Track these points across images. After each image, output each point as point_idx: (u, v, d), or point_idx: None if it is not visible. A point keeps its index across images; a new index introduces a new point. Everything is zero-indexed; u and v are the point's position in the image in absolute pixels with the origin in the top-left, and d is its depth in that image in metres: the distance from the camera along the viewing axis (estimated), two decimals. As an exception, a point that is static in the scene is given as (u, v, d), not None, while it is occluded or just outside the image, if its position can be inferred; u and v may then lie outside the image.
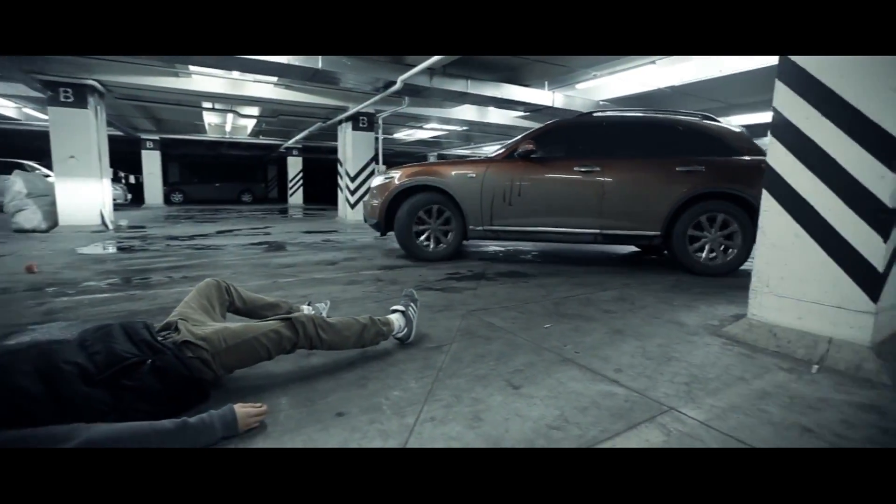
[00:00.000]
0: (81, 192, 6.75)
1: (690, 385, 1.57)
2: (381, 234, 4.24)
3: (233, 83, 7.40)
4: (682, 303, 2.71)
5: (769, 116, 2.02)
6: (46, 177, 7.92)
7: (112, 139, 8.72)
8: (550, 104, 7.37)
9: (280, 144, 15.15)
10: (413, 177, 3.98)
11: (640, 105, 8.05)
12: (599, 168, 3.66)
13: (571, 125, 4.00)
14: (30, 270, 3.37)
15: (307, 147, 15.82)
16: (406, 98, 7.65)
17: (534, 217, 3.80)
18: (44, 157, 8.06)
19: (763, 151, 2.50)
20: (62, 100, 6.52)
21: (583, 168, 3.69)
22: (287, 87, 7.69)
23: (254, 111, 10.26)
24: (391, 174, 4.10)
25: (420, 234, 4.04)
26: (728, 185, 3.45)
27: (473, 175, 3.85)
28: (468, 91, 6.51)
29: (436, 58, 5.08)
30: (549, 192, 3.77)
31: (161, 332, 1.35)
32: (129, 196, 14.04)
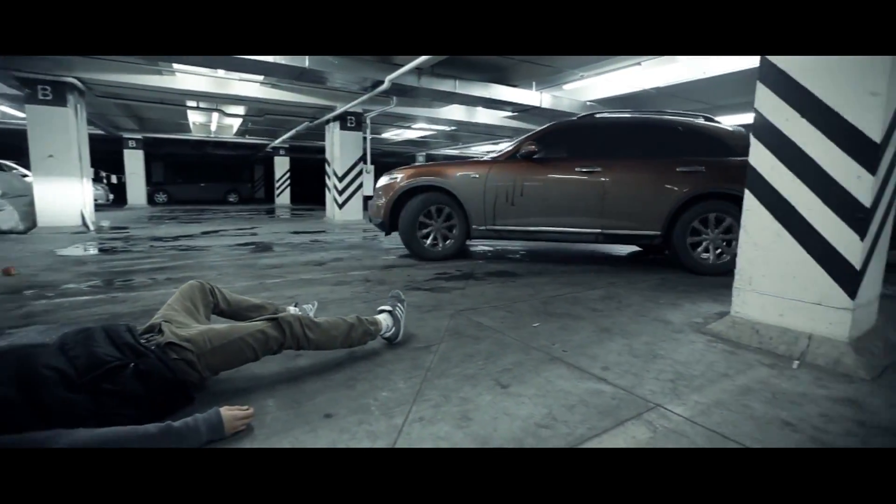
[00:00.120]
0: (61, 192, 6.59)
1: (676, 382, 1.60)
2: (386, 234, 4.28)
3: (218, 82, 7.30)
4: (668, 301, 2.75)
5: (752, 117, 2.06)
6: (24, 176, 7.72)
7: (93, 138, 8.52)
8: (538, 104, 7.41)
9: (267, 144, 14.98)
10: (417, 177, 4.03)
11: (627, 105, 8.15)
12: (601, 168, 3.69)
13: (573, 126, 4.03)
14: (6, 273, 3.28)
15: (294, 147, 15.67)
16: (394, 98, 7.62)
17: (536, 217, 3.84)
18: (21, 157, 7.85)
19: None
20: (40, 98, 6.35)
21: (584, 168, 3.72)
22: (273, 86, 7.61)
23: (239, 110, 10.13)
24: (395, 175, 4.14)
25: (424, 234, 4.08)
26: (728, 186, 3.46)
27: (476, 176, 3.90)
28: (456, 91, 6.51)
29: (424, 57, 5.07)
30: (551, 193, 3.81)
31: (144, 335, 1.33)
32: (111, 196, 13.73)
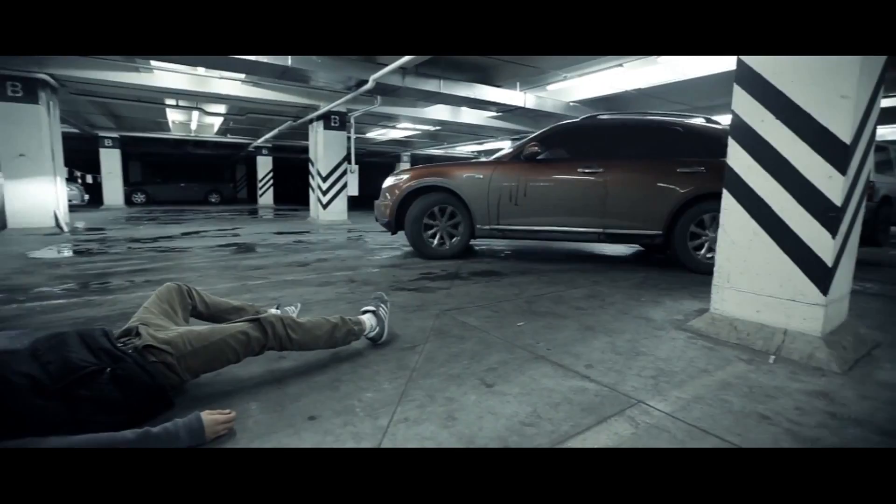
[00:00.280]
0: (33, 193, 6.40)
1: (657, 378, 1.63)
2: (392, 233, 4.38)
3: (198, 80, 7.15)
4: (650, 299, 2.79)
5: (730, 119, 2.11)
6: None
7: (67, 136, 8.27)
8: (522, 105, 7.46)
9: (249, 143, 14.76)
10: (422, 178, 4.10)
11: (608, 106, 8.26)
12: (602, 169, 3.74)
13: (575, 128, 4.10)
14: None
15: (277, 146, 15.47)
16: (378, 97, 7.59)
17: (539, 216, 3.90)
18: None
19: None
20: (10, 95, 6.15)
21: (586, 169, 3.78)
22: (255, 85, 7.49)
23: (220, 109, 9.95)
24: (401, 175, 4.22)
25: (430, 234, 4.16)
26: None
27: (481, 176, 3.97)
28: (441, 91, 6.51)
29: (408, 57, 5.06)
30: (554, 193, 3.87)
31: (121, 339, 1.29)
32: (87, 197, 13.36)
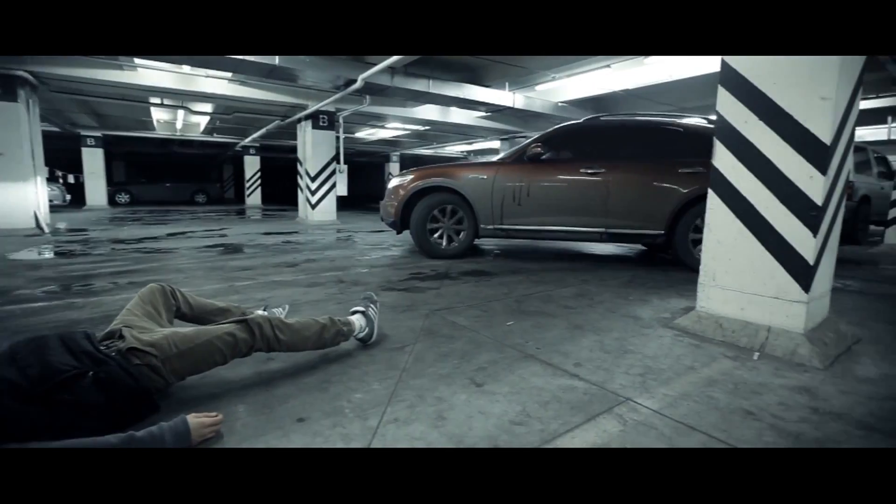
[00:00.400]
0: (11, 193, 6.25)
1: (645, 376, 1.64)
2: (398, 233, 4.46)
3: (183, 78, 7.03)
4: (637, 297, 2.82)
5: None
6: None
7: (47, 135, 8.09)
8: (511, 105, 7.49)
9: (236, 143, 14.56)
10: (427, 178, 4.16)
11: (596, 106, 8.33)
12: (605, 170, 3.78)
13: (578, 129, 4.14)
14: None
15: (265, 146, 15.30)
16: (367, 97, 7.55)
17: (541, 216, 3.94)
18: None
19: None
20: (-12, 92, 6.01)
21: (589, 170, 3.81)
22: (242, 84, 7.40)
23: (207, 108, 9.81)
24: (406, 176, 4.28)
25: (434, 233, 4.20)
26: None
27: (485, 177, 4.02)
28: (430, 91, 6.51)
29: (397, 56, 5.05)
30: (556, 193, 3.92)
31: (104, 342, 1.27)
32: (69, 197, 13.08)
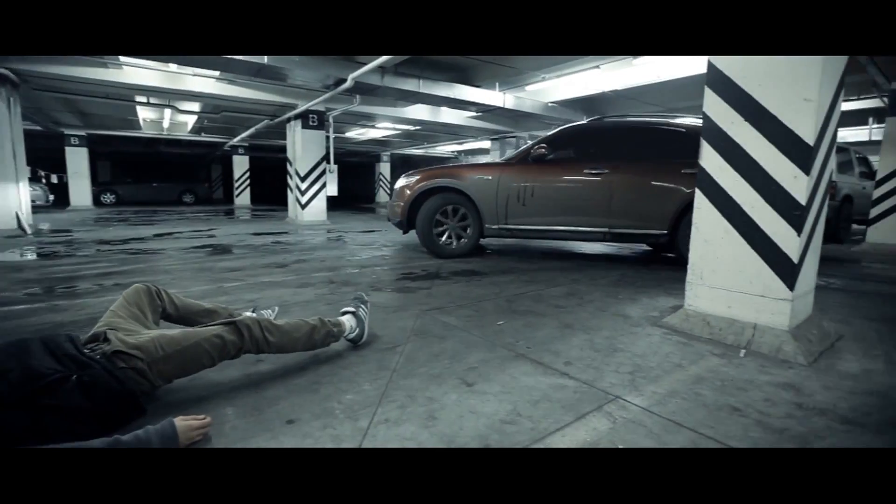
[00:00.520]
0: (-7, 193, 6.10)
1: (634, 374, 1.66)
2: (404, 232, 4.51)
3: (170, 76, 6.93)
4: (627, 296, 2.85)
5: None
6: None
7: (30, 134, 7.94)
8: (501, 105, 7.51)
9: (224, 142, 14.39)
10: (433, 179, 4.22)
11: (585, 107, 8.39)
12: (608, 170, 3.82)
13: (582, 130, 4.20)
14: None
15: (254, 145, 15.14)
16: (357, 96, 7.51)
17: (546, 216, 3.99)
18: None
19: None
20: (-33, 90, 5.86)
21: (592, 170, 3.85)
22: (230, 83, 7.31)
23: (194, 107, 9.67)
24: (413, 177, 4.36)
25: (440, 233, 4.25)
26: None
27: (490, 177, 4.07)
28: (420, 90, 6.49)
29: (387, 56, 5.03)
30: (561, 194, 3.97)
31: (88, 345, 1.25)
32: (52, 197, 12.85)
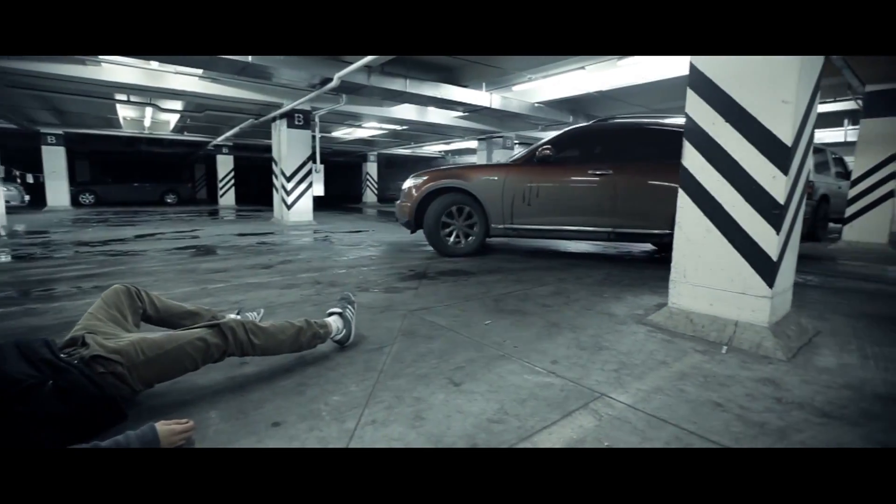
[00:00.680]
0: (-35, 194, 5.92)
1: (619, 371, 1.68)
2: (412, 232, 4.58)
3: (151, 74, 6.78)
4: (612, 295, 2.88)
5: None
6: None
7: (4, 133, 7.71)
8: (488, 105, 7.53)
9: (208, 142, 14.16)
10: (440, 180, 4.30)
11: (571, 107, 8.46)
12: (612, 171, 3.86)
13: (586, 131, 4.25)
14: None
15: (239, 145, 14.94)
16: (343, 95, 7.46)
17: (550, 216, 4.05)
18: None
19: None
20: (-63, 87, 5.67)
21: (597, 171, 3.90)
22: (214, 81, 7.19)
23: (177, 105, 9.49)
24: (420, 177, 4.43)
25: (447, 232, 4.33)
26: None
27: (496, 178, 4.16)
28: (407, 90, 6.47)
29: (373, 56, 5.01)
30: (565, 194, 4.02)
31: (65, 349, 1.22)
32: (27, 198, 12.48)
